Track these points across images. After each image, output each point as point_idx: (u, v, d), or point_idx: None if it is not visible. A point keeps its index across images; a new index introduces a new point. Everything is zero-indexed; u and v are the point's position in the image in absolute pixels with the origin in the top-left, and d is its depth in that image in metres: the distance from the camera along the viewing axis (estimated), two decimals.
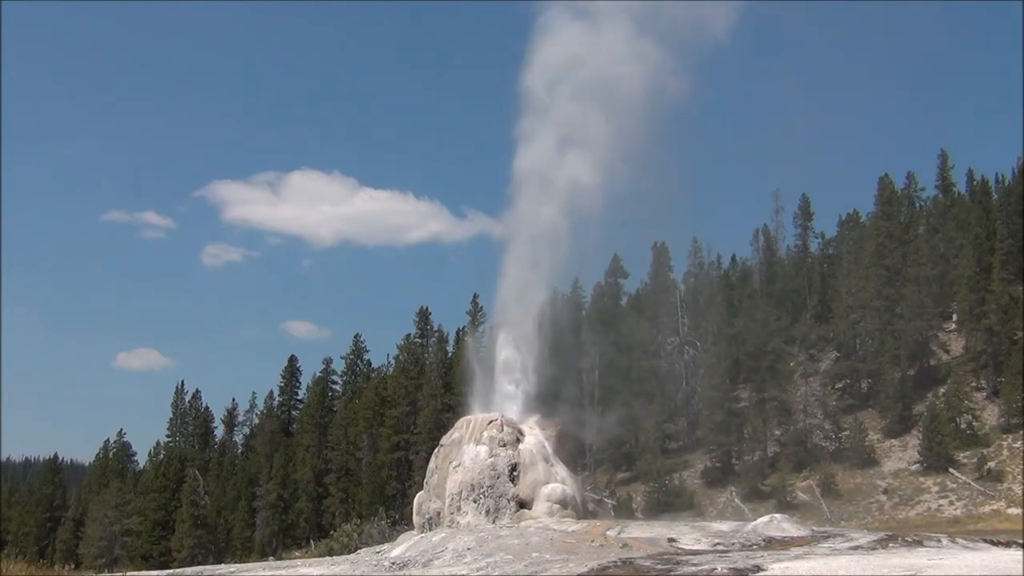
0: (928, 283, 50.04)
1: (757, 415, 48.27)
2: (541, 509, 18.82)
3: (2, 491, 68.16)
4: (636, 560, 13.08)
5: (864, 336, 51.45)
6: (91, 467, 72.88)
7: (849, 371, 51.49)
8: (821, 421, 48.29)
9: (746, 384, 52.00)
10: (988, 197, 56.92)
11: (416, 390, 53.93)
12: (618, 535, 16.04)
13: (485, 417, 20.49)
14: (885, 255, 50.64)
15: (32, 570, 24.04)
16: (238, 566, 22.83)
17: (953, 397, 43.92)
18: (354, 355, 65.74)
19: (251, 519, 55.80)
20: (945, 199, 59.45)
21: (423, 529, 19.62)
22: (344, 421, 57.36)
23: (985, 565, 11.24)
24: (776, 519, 17.29)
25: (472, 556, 14.88)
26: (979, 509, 38.49)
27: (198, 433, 68.26)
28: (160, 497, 57.62)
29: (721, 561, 12.35)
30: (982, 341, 46.69)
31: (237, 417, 70.01)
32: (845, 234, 60.57)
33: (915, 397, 47.65)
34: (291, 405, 66.40)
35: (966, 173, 62.14)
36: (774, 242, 63.59)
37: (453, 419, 26.01)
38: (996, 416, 44.22)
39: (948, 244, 53.48)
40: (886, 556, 12.70)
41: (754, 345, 50.41)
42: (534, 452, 19.69)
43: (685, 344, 54.99)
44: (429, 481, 20.51)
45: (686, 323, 55.57)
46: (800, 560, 12.35)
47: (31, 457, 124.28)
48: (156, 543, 55.21)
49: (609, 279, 56.57)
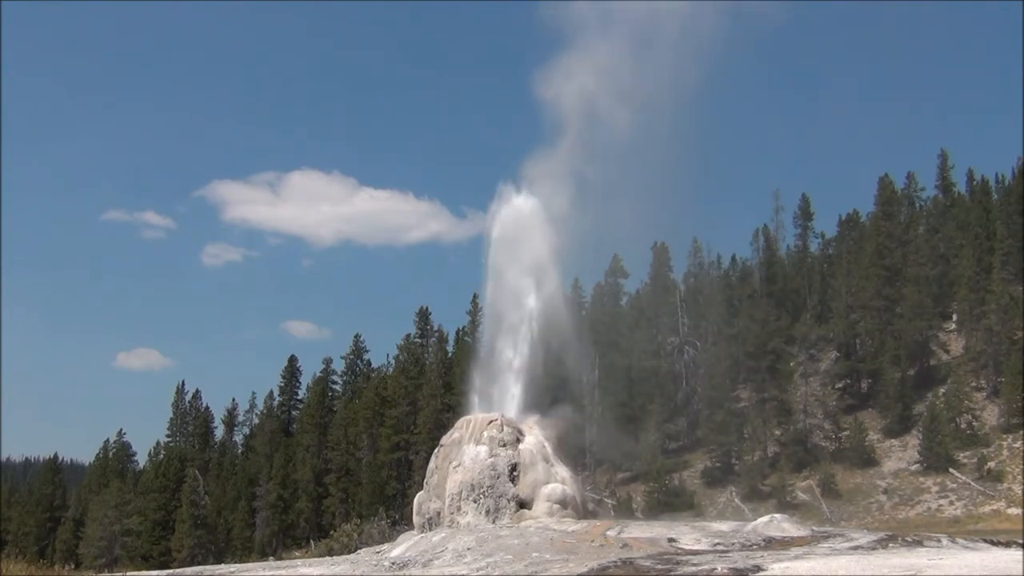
0: (928, 283, 50.06)
1: (757, 415, 48.28)
2: (541, 509, 18.82)
3: (2, 491, 68.15)
4: (636, 560, 13.07)
5: (864, 336, 51.44)
6: (91, 467, 72.89)
7: (849, 371, 51.49)
8: (821, 421, 48.30)
9: (746, 384, 52.01)
10: (988, 197, 56.95)
11: (416, 390, 53.93)
12: (618, 535, 16.03)
13: (485, 417, 20.49)
14: (885, 255, 50.63)
15: (32, 570, 24.03)
16: (238, 566, 22.82)
17: (953, 397, 43.94)
18: (354, 355, 65.74)
19: (251, 519, 55.81)
20: (945, 199, 59.48)
21: (423, 529, 19.62)
22: (344, 421, 57.36)
23: (985, 565, 11.23)
24: (776, 519, 17.28)
25: (472, 556, 14.88)
26: (979, 509, 38.49)
27: (198, 433, 68.27)
28: (160, 497, 57.61)
29: (721, 561, 12.34)
30: (982, 341, 46.71)
31: (237, 417, 70.12)
32: (845, 234, 60.62)
33: (915, 397, 47.67)
34: (291, 405, 66.40)
35: (966, 173, 62.32)
36: (774, 242, 63.62)
37: (453, 419, 26.00)
38: (996, 416, 44.23)
39: (948, 244, 53.50)
40: (886, 556, 12.69)
41: (754, 345, 50.41)
42: (534, 452, 19.69)
43: (685, 344, 55.00)
44: (429, 481, 20.51)
45: (686, 323, 55.58)
46: (800, 560, 12.35)
47: (31, 457, 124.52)
48: (156, 543, 55.20)
49: (609, 279, 56.57)
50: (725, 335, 54.08)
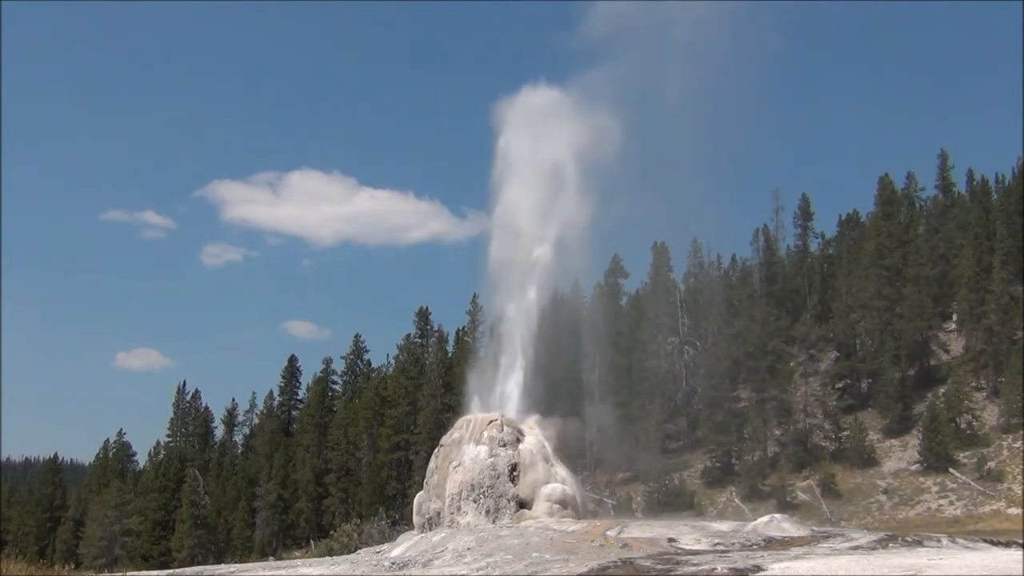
0: (928, 283, 50.05)
1: (757, 415, 48.29)
2: (541, 509, 18.82)
3: (2, 491, 68.17)
4: (636, 560, 13.07)
5: (864, 336, 51.43)
6: (91, 467, 72.88)
7: (849, 371, 51.48)
8: (821, 421, 48.28)
9: (746, 384, 52.01)
10: (988, 197, 56.93)
11: (416, 390, 53.92)
12: (618, 535, 16.03)
13: (485, 417, 20.50)
14: (885, 255, 50.62)
15: (32, 570, 24.02)
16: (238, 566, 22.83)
17: (953, 397, 43.94)
18: (354, 355, 65.73)
19: (251, 519, 55.80)
20: (945, 199, 59.44)
21: (423, 529, 19.62)
22: (344, 421, 57.35)
23: (985, 565, 11.23)
24: (776, 519, 17.29)
25: (472, 556, 14.87)
26: (979, 509, 38.47)
27: (198, 433, 68.25)
28: (160, 497, 57.61)
29: (721, 561, 12.34)
30: (982, 341, 46.71)
31: (237, 417, 70.09)
32: (845, 234, 60.56)
33: (915, 397, 47.66)
34: (291, 405, 66.39)
35: (966, 173, 62.22)
36: (774, 242, 63.54)
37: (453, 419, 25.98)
38: (996, 416, 44.23)
39: (948, 244, 53.49)
40: (886, 556, 12.69)
41: (754, 345, 50.42)
42: (534, 452, 19.69)
43: (685, 344, 54.99)
44: (429, 481, 20.52)
45: (686, 323, 55.57)
46: (800, 560, 12.35)
47: (31, 457, 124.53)
48: (156, 543, 55.20)
49: (609, 279, 56.54)
50: (725, 335, 54.07)
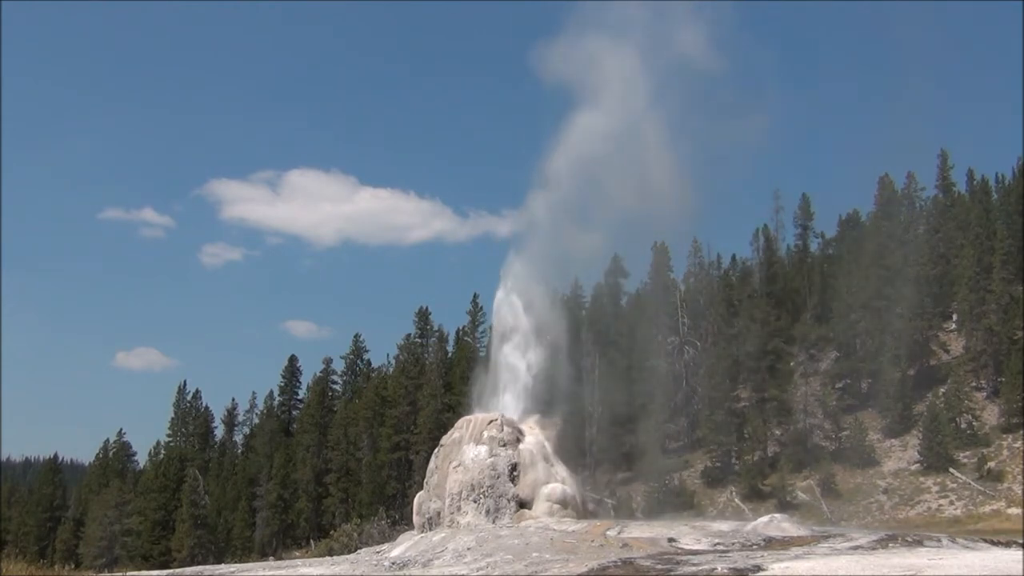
0: (928, 283, 50.02)
1: (757, 415, 48.27)
2: (541, 509, 18.83)
3: (2, 491, 68.22)
4: (636, 560, 13.07)
5: (864, 336, 51.39)
6: (91, 467, 72.86)
7: (849, 371, 51.46)
8: (821, 421, 48.26)
9: (746, 384, 51.98)
10: (988, 197, 56.91)
11: (416, 390, 53.93)
12: (618, 535, 16.04)
13: (485, 417, 20.52)
14: (885, 255, 50.61)
15: (32, 570, 24.01)
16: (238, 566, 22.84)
17: (953, 397, 43.92)
18: (354, 355, 65.71)
19: (251, 519, 55.81)
20: (945, 199, 59.38)
21: (423, 529, 19.63)
22: (344, 421, 57.34)
23: (985, 565, 11.24)
24: (776, 519, 17.32)
25: (472, 556, 14.88)
26: (979, 509, 38.45)
27: (198, 433, 68.26)
28: (160, 497, 57.61)
29: (721, 561, 12.34)
30: (982, 341, 46.70)
31: (237, 417, 70.11)
32: (845, 234, 60.51)
33: (915, 397, 47.62)
34: (291, 405, 66.37)
35: (966, 173, 62.16)
36: (774, 242, 63.51)
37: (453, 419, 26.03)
38: (996, 416, 44.22)
39: (948, 244, 53.43)
40: (886, 556, 12.69)
41: (754, 345, 50.39)
42: (534, 452, 19.70)
43: (685, 344, 54.97)
44: (429, 481, 20.53)
45: (686, 323, 55.54)
46: (800, 560, 12.35)
47: (31, 457, 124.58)
48: (156, 543, 55.21)
49: (609, 279, 56.52)
50: (725, 335, 54.04)
